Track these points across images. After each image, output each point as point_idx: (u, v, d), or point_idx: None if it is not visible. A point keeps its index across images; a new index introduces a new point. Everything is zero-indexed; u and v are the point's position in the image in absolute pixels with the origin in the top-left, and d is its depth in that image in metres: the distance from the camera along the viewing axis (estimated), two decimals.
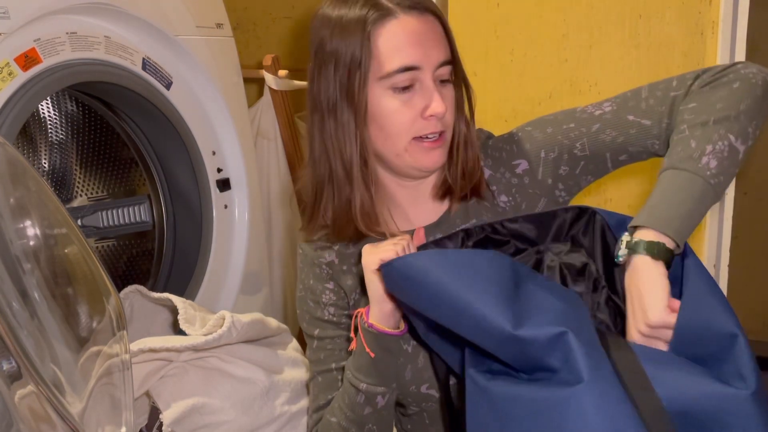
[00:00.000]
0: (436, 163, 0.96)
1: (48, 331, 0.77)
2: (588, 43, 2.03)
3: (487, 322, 0.73)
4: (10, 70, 1.21)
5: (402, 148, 0.95)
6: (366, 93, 0.92)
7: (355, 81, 0.92)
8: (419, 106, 0.92)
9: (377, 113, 0.93)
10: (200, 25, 1.60)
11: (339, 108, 0.94)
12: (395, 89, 0.92)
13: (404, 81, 0.91)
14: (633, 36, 1.99)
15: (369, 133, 0.95)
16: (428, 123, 0.93)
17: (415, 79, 0.92)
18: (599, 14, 2.01)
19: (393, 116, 0.93)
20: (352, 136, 0.94)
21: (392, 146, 0.95)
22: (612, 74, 2.03)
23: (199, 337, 1.18)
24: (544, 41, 2.07)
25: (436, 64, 0.92)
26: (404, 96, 0.92)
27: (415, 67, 0.91)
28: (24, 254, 0.79)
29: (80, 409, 0.76)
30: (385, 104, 0.93)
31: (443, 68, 0.94)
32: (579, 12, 2.02)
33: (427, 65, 0.91)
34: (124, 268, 1.79)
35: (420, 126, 0.93)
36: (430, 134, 0.94)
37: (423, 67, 0.91)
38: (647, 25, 1.97)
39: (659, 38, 1.97)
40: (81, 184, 1.78)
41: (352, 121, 0.94)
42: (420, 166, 0.96)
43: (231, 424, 1.18)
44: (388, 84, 0.92)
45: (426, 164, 0.96)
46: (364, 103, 0.93)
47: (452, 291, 0.76)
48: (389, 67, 0.91)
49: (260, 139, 2.07)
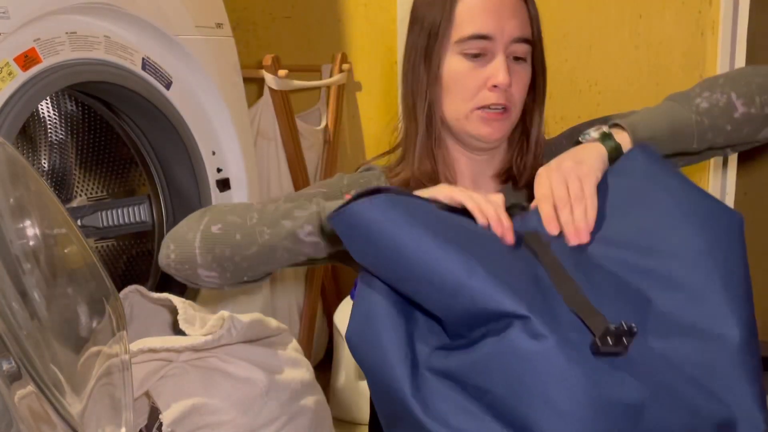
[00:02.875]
0: (493, 135, 0.98)
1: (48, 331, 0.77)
2: (588, 43, 2.03)
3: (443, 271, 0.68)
4: (9, 70, 1.20)
5: (463, 114, 0.97)
6: (440, 55, 0.97)
7: (434, 42, 0.97)
8: (485, 75, 0.95)
9: (446, 76, 0.97)
10: (200, 25, 1.60)
11: (417, 66, 0.99)
12: (466, 55, 0.95)
13: (475, 48, 0.95)
14: (633, 36, 1.99)
15: (437, 94, 0.98)
16: (491, 94, 0.95)
17: (486, 48, 0.95)
18: (599, 14, 2.01)
19: (459, 80, 0.96)
20: (423, 95, 0.99)
21: (455, 110, 0.98)
22: (612, 74, 2.03)
23: (198, 338, 1.18)
24: (545, 41, 2.07)
25: (509, 39, 0.95)
26: (473, 63, 0.96)
27: (487, 37, 0.94)
28: (24, 254, 0.78)
29: (80, 409, 0.75)
30: (454, 67, 0.97)
31: (518, 45, 0.96)
32: (579, 12, 2.02)
33: (499, 37, 0.94)
34: (124, 268, 1.79)
35: (484, 96, 0.96)
36: (493, 105, 0.96)
37: (495, 37, 0.94)
38: (647, 25, 1.97)
39: (659, 38, 1.96)
40: (81, 184, 1.78)
41: (425, 80, 0.98)
42: (478, 134, 0.98)
43: (231, 424, 1.18)
44: (460, 49, 0.96)
45: (483, 133, 0.97)
46: (437, 64, 0.97)
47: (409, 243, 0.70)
48: (463, 33, 0.95)
49: (260, 139, 2.07)
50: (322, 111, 2.36)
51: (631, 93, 2.02)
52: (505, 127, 0.98)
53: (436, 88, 0.98)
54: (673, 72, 1.97)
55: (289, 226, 0.87)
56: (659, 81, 1.98)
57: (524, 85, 0.99)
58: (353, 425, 2.05)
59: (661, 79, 1.98)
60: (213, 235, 0.88)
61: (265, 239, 0.87)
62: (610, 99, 2.05)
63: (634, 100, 2.02)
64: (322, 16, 2.40)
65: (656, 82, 1.99)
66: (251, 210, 0.90)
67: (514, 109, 0.98)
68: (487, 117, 0.96)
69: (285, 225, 0.87)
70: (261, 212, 0.89)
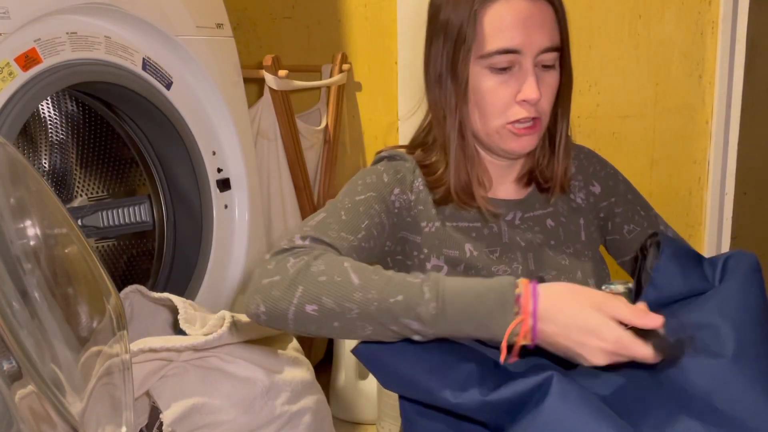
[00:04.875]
0: (525, 149, 0.97)
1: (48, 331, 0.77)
2: (588, 43, 2.03)
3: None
4: (10, 70, 1.21)
5: (494, 129, 0.96)
6: (468, 69, 0.94)
7: (459, 55, 0.94)
8: (514, 89, 0.93)
9: (475, 90, 0.95)
10: (200, 25, 1.60)
11: (444, 79, 0.97)
12: (493, 69, 0.93)
13: (502, 62, 0.92)
14: (633, 36, 1.99)
15: (468, 109, 0.96)
16: (522, 109, 0.93)
17: (514, 61, 0.92)
18: (599, 14, 2.01)
19: (488, 95, 0.94)
20: (453, 110, 0.97)
21: (485, 126, 0.96)
22: (612, 74, 2.03)
23: (199, 337, 1.18)
24: None
25: (538, 50, 0.92)
26: (501, 77, 0.93)
27: (515, 51, 0.91)
28: (24, 254, 0.79)
29: (80, 409, 0.76)
30: (482, 82, 0.94)
31: (547, 54, 0.93)
32: (579, 12, 2.02)
33: (528, 50, 0.91)
34: (124, 268, 1.79)
35: (514, 111, 0.94)
36: (523, 119, 0.94)
37: (523, 51, 0.91)
38: (647, 25, 1.97)
39: (659, 38, 1.97)
40: (81, 184, 1.78)
41: (453, 95, 0.96)
42: (508, 149, 0.97)
43: (231, 424, 1.18)
44: (488, 63, 0.93)
45: (514, 148, 0.96)
46: (465, 79, 0.94)
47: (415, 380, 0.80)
48: (490, 47, 0.92)
49: (260, 139, 2.07)
50: (322, 111, 2.36)
51: (631, 93, 2.02)
52: (535, 139, 0.97)
53: (465, 101, 0.96)
54: (673, 72, 1.97)
55: (396, 329, 0.78)
56: (659, 81, 1.98)
57: (553, 94, 0.97)
58: (353, 425, 2.05)
59: (661, 79, 1.98)
60: (308, 316, 0.79)
61: (366, 334, 0.80)
62: (610, 99, 2.05)
63: (634, 100, 2.02)
64: (322, 16, 2.40)
65: (656, 82, 1.99)
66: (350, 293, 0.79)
67: (544, 118, 0.97)
68: (518, 132, 0.95)
69: (392, 328, 0.78)
70: (362, 303, 0.78)
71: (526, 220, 1.02)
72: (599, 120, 2.07)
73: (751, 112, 2.00)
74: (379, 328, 0.78)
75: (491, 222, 1.01)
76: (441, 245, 0.98)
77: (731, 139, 1.95)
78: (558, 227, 1.03)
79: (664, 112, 2.00)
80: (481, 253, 0.97)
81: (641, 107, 2.02)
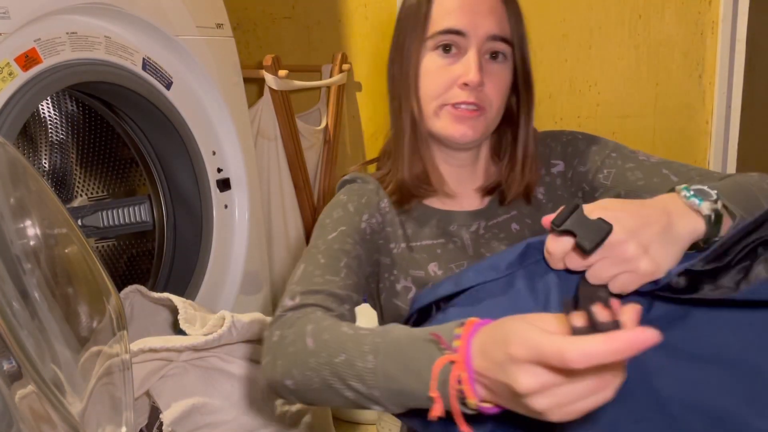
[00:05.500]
0: (465, 136, 0.94)
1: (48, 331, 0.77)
2: (588, 43, 2.03)
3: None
4: (10, 70, 1.21)
5: (433, 110, 0.95)
6: (417, 52, 0.95)
7: (410, 42, 0.95)
8: (456, 72, 0.93)
9: (422, 73, 0.95)
10: (200, 25, 1.60)
11: (396, 68, 0.98)
12: (438, 51, 0.94)
13: (446, 41, 0.93)
14: (633, 36, 1.99)
15: (416, 93, 0.96)
16: (462, 92, 0.92)
17: (459, 44, 0.93)
18: (599, 14, 2.01)
19: (431, 76, 0.94)
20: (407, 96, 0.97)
21: (426, 107, 0.96)
22: (612, 74, 2.03)
23: (199, 337, 1.18)
24: (544, 41, 2.07)
25: (483, 35, 0.92)
26: (446, 60, 0.93)
27: (460, 32, 0.92)
28: (24, 254, 0.79)
29: (80, 409, 0.76)
30: (428, 63, 0.95)
31: (495, 43, 0.93)
32: (579, 12, 2.02)
33: (473, 34, 0.92)
34: (124, 268, 1.79)
35: (453, 93, 0.93)
36: (463, 103, 0.92)
37: (468, 34, 0.92)
38: (647, 25, 1.97)
39: (659, 38, 1.97)
40: (81, 184, 1.78)
41: (405, 80, 0.96)
42: (448, 134, 0.94)
43: (231, 424, 1.18)
44: (433, 44, 0.94)
45: (453, 133, 0.94)
46: (415, 63, 0.95)
47: None
48: (437, 28, 0.93)
49: (260, 139, 2.07)
50: (322, 111, 2.36)
51: (631, 93, 2.02)
52: (478, 127, 0.94)
53: (414, 86, 0.96)
54: (673, 72, 1.97)
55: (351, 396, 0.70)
56: (659, 81, 1.98)
57: (501, 86, 0.95)
58: (353, 425, 2.05)
59: (661, 79, 1.98)
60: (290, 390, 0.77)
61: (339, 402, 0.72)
62: (609, 99, 2.05)
63: (634, 100, 2.02)
64: (322, 16, 2.40)
65: (656, 82, 1.99)
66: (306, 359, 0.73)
67: (489, 109, 0.94)
68: (458, 114, 0.93)
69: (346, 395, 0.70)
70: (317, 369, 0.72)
71: (491, 228, 1.00)
72: (599, 120, 2.07)
73: (751, 112, 2.00)
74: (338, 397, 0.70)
75: (455, 237, 0.99)
76: (408, 266, 0.97)
77: (731, 139, 1.95)
78: (524, 229, 1.00)
79: (664, 112, 2.00)
80: (446, 271, 0.96)
81: (641, 107, 2.02)
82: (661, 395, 0.67)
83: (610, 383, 0.53)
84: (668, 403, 0.67)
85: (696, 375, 0.66)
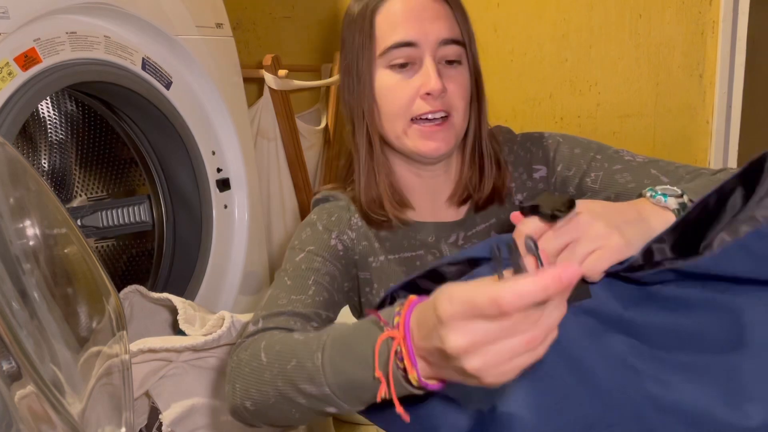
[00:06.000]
0: (438, 150, 0.91)
1: (48, 331, 0.77)
2: (588, 43, 2.03)
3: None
4: (9, 69, 1.20)
5: (401, 129, 0.92)
6: (369, 72, 0.92)
7: (360, 60, 0.92)
8: (416, 84, 0.89)
9: (378, 93, 0.92)
10: (200, 25, 1.60)
11: (348, 89, 0.95)
12: (393, 67, 0.90)
13: (400, 57, 0.89)
14: (633, 36, 1.99)
15: (375, 114, 0.93)
16: (425, 103, 0.89)
17: (412, 56, 0.89)
18: (599, 14, 2.01)
19: (390, 94, 0.91)
20: (360, 117, 0.94)
21: (393, 127, 0.92)
22: (612, 74, 2.03)
23: (198, 338, 1.18)
24: (544, 41, 2.07)
25: (435, 42, 0.89)
26: (403, 74, 0.90)
27: (411, 43, 0.89)
28: (24, 254, 0.78)
29: (80, 409, 0.75)
30: (383, 82, 0.91)
31: (448, 47, 0.90)
32: (579, 12, 2.02)
33: (424, 42, 0.89)
34: (124, 268, 1.79)
35: (417, 105, 0.90)
36: (429, 114, 0.90)
37: (420, 43, 0.89)
38: (647, 25, 1.97)
39: (659, 38, 1.96)
40: (81, 184, 1.78)
41: (359, 101, 0.94)
42: (419, 151, 0.92)
43: (231, 424, 1.18)
44: (387, 61, 0.90)
45: (425, 150, 0.91)
46: (368, 83, 0.92)
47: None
48: (386, 44, 0.90)
49: (260, 139, 2.07)
50: (322, 111, 2.36)
51: (631, 93, 2.02)
52: (448, 138, 0.91)
53: (371, 108, 0.92)
54: (673, 72, 1.97)
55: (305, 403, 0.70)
56: (659, 81, 1.98)
57: (463, 89, 0.92)
58: (353, 425, 2.05)
59: (661, 79, 1.98)
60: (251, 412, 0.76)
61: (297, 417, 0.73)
62: (610, 99, 2.05)
63: (634, 100, 2.02)
64: (322, 16, 2.40)
65: (656, 82, 1.99)
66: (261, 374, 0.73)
67: (456, 114, 0.91)
68: (427, 130, 0.90)
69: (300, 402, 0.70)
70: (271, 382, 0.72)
71: (470, 238, 0.98)
72: (599, 120, 2.07)
73: (751, 112, 2.00)
74: (294, 407, 0.69)
75: (433, 249, 0.97)
76: (388, 279, 0.96)
77: (731, 139, 1.95)
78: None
79: (665, 112, 2.00)
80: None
81: (641, 107, 2.02)
82: (636, 398, 0.67)
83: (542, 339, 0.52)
84: (642, 407, 0.67)
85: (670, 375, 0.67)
